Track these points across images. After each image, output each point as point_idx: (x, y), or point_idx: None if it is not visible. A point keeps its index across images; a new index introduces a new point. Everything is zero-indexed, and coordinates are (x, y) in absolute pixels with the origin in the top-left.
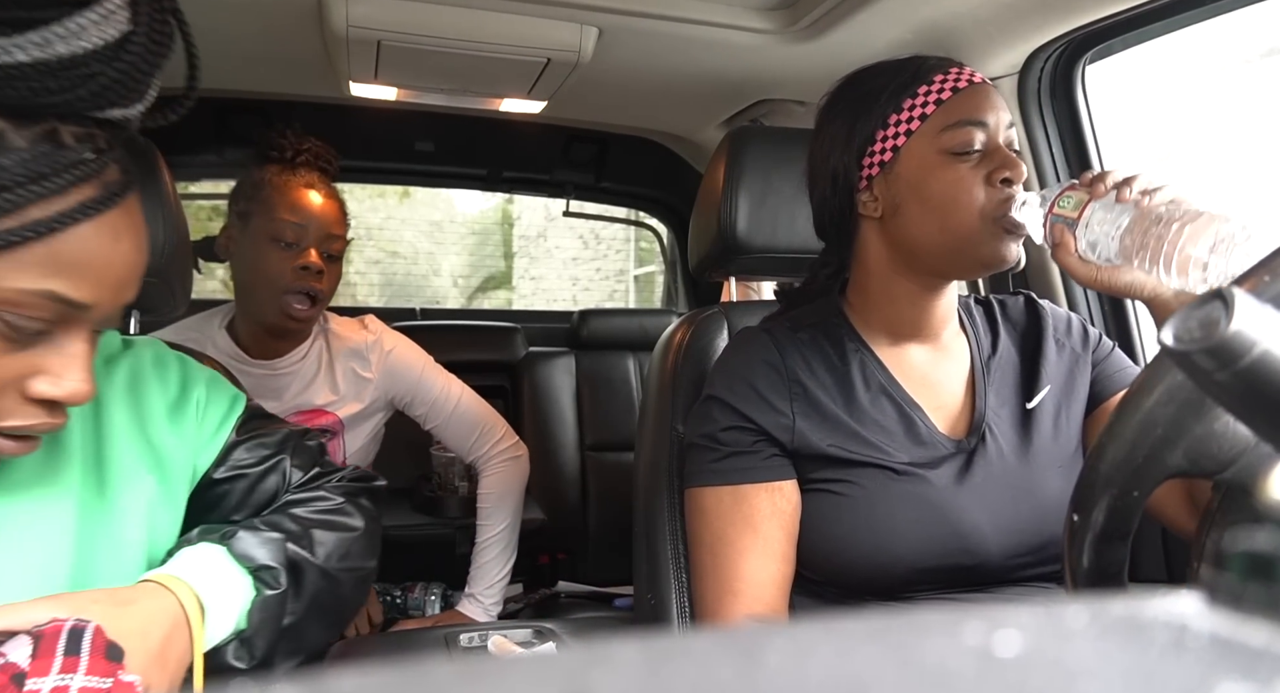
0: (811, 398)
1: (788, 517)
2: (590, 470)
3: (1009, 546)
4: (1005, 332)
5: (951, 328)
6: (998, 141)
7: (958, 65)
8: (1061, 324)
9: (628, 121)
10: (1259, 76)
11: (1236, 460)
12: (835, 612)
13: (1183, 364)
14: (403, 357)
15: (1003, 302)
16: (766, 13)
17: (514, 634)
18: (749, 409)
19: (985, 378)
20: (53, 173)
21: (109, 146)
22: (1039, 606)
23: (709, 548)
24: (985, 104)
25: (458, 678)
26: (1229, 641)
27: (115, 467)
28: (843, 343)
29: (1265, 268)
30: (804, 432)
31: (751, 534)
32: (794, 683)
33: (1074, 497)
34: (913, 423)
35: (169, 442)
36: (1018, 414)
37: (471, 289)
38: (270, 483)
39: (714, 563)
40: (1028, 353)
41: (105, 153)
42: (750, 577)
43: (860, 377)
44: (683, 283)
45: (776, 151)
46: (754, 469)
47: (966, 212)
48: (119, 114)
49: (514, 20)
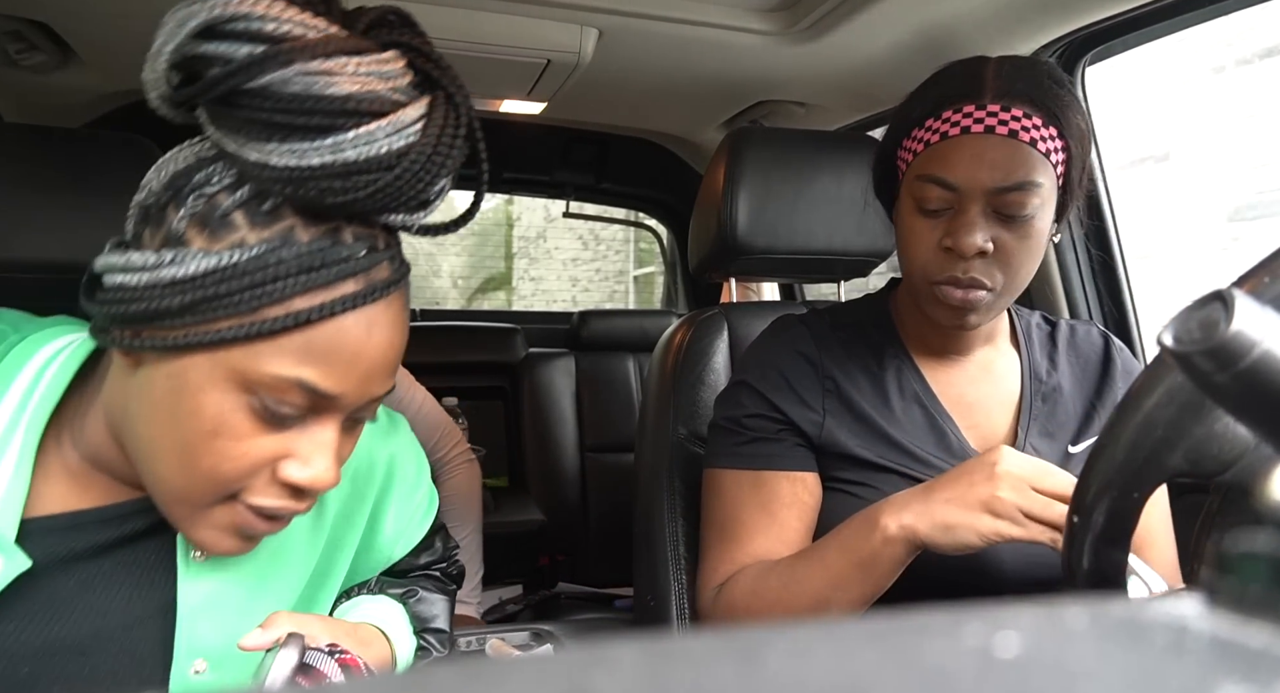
0: (844, 396)
1: (808, 509)
2: (590, 471)
3: (1022, 570)
4: (1067, 361)
5: (995, 348)
6: (967, 204)
7: (976, 102)
8: (1135, 373)
9: (628, 123)
10: (1259, 76)
11: (1236, 462)
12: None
13: (1182, 365)
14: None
15: (1073, 328)
16: (767, 14)
17: (511, 637)
18: (778, 399)
19: (1032, 408)
20: (322, 266)
21: (385, 246)
22: (1039, 606)
23: (719, 526)
24: (962, 162)
25: (458, 679)
26: (1229, 642)
27: (342, 543)
28: (882, 347)
29: (1265, 269)
30: (832, 430)
31: (767, 518)
32: (794, 684)
33: (1074, 498)
34: (944, 435)
35: (386, 532)
36: (1059, 455)
37: (471, 290)
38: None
39: (721, 539)
40: (1086, 392)
41: (378, 251)
42: (757, 555)
43: (895, 383)
44: (683, 284)
45: (776, 153)
46: (777, 457)
47: (912, 265)
48: (400, 220)
49: (514, 21)
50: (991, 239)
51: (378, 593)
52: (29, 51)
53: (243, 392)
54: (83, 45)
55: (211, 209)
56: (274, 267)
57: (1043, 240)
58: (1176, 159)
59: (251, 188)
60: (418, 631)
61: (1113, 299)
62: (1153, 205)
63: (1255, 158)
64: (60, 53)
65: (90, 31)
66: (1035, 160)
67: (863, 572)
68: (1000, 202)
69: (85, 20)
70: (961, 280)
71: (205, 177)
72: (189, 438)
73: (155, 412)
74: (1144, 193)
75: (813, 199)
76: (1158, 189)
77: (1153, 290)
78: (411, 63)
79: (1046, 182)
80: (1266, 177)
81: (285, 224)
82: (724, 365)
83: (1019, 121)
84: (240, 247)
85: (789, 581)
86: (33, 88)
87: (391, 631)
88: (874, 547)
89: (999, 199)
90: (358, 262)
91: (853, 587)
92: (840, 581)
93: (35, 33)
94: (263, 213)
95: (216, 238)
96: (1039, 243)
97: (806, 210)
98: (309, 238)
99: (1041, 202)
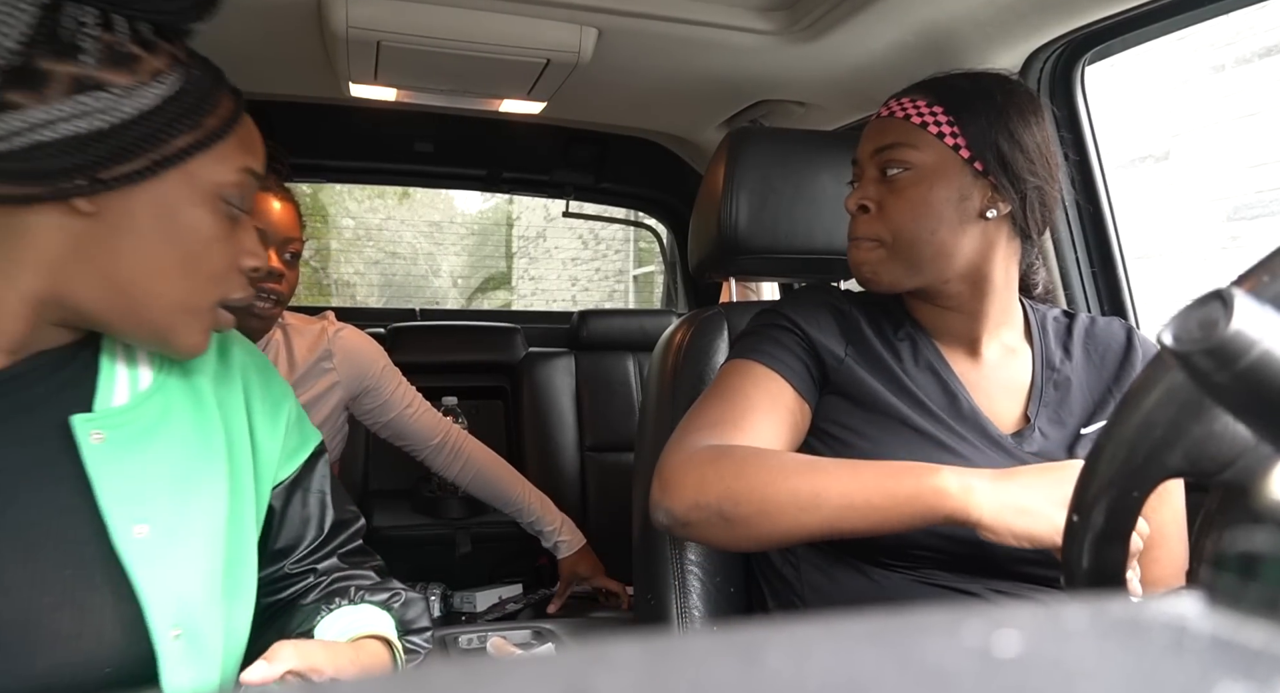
0: (867, 346)
1: (798, 430)
2: (590, 471)
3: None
4: (1083, 351)
5: (1008, 339)
6: (862, 172)
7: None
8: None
9: (627, 122)
10: (1259, 76)
11: (1236, 461)
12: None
13: (1182, 365)
14: (362, 344)
15: (1093, 320)
16: (766, 14)
17: (513, 636)
18: (808, 326)
19: (1043, 394)
20: (219, 74)
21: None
22: (1038, 606)
23: (721, 395)
24: (860, 139)
25: (458, 679)
26: (1228, 641)
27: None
28: (901, 324)
29: (1265, 268)
30: (852, 367)
31: (769, 403)
32: (794, 683)
33: (1073, 497)
34: (956, 398)
35: (265, 443)
36: (1070, 437)
37: (471, 290)
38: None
39: (723, 404)
40: (1104, 379)
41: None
42: (753, 427)
43: (911, 352)
44: (682, 284)
45: (776, 152)
46: (794, 371)
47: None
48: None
49: (513, 21)
50: (874, 200)
51: (359, 603)
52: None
53: (214, 197)
54: None
55: (108, 48)
56: (197, 83)
57: (932, 204)
58: (1176, 158)
59: (122, 19)
60: (403, 635)
61: (1112, 298)
62: (1152, 204)
63: (1255, 157)
64: None
65: None
66: (907, 128)
67: (886, 502)
68: (879, 163)
69: None
70: (854, 235)
71: (73, 22)
72: (192, 249)
73: (145, 239)
74: (1143, 192)
75: (813, 199)
76: (1157, 188)
77: (1152, 289)
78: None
79: (924, 146)
80: (1266, 176)
81: (166, 48)
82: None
83: (901, 105)
84: (161, 73)
85: (801, 464)
86: None
87: (392, 637)
88: (919, 489)
89: (880, 160)
90: (219, 71)
91: (861, 510)
92: (856, 496)
93: None
94: (148, 41)
95: (135, 72)
96: (925, 204)
97: (806, 210)
98: (186, 56)
99: (919, 165)
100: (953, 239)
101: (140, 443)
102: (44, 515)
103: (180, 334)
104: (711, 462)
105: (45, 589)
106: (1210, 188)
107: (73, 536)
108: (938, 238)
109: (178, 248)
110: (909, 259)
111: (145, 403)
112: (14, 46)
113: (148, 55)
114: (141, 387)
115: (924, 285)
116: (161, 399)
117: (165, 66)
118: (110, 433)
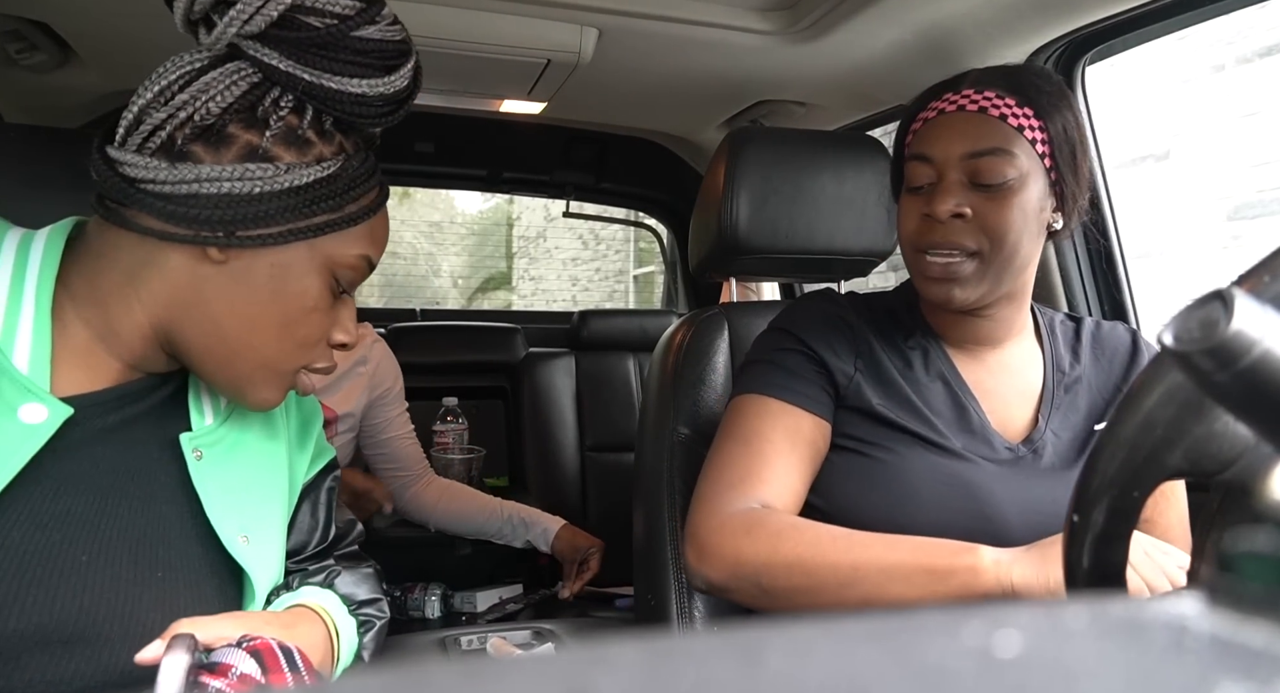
0: (875, 359)
1: (819, 455)
2: (590, 471)
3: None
4: (1092, 355)
5: (1018, 343)
6: (944, 173)
7: (954, 90)
8: None
9: (627, 122)
10: (1259, 75)
11: (1236, 461)
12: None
13: (1182, 365)
14: (391, 359)
15: (1099, 324)
16: (766, 14)
17: (513, 636)
18: (816, 344)
19: (1054, 398)
20: (374, 170)
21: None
22: (1039, 606)
23: (742, 439)
24: (939, 138)
25: (458, 679)
26: (1229, 641)
27: (289, 458)
28: (911, 330)
29: (1265, 268)
30: (860, 385)
31: (789, 444)
32: (794, 683)
33: (1074, 497)
34: (966, 411)
35: (297, 456)
36: (1082, 437)
37: (471, 290)
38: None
39: (745, 452)
40: (1113, 380)
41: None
42: (775, 475)
43: (923, 360)
44: (683, 284)
45: (776, 152)
46: (808, 397)
47: (903, 239)
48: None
49: (514, 21)
50: (969, 206)
51: (298, 588)
52: (29, 51)
53: (328, 272)
54: (83, 45)
55: (290, 130)
56: (352, 173)
57: (1028, 215)
58: (1176, 158)
59: (313, 109)
60: (352, 610)
61: (1112, 298)
62: (1152, 204)
63: (1255, 157)
64: (60, 53)
65: (90, 31)
66: (1006, 132)
67: (923, 578)
68: (974, 169)
69: (85, 20)
70: (940, 245)
71: (272, 103)
72: (291, 313)
73: (256, 294)
74: (1144, 191)
75: (812, 199)
76: (1157, 188)
77: (1152, 289)
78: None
79: (1022, 154)
80: (1266, 175)
81: (339, 139)
82: (724, 365)
83: (989, 100)
84: (324, 159)
85: (838, 538)
86: (33, 88)
87: (327, 606)
88: (954, 566)
89: (972, 166)
90: (377, 165)
91: (900, 586)
92: (895, 571)
93: (35, 33)
94: (325, 131)
95: (302, 153)
96: (1022, 214)
97: (806, 210)
98: (353, 149)
99: (1020, 174)
100: (1032, 250)
101: (228, 458)
102: (148, 520)
103: (258, 388)
104: (746, 532)
105: (145, 586)
106: (1211, 187)
107: (173, 540)
108: (1024, 249)
109: (281, 308)
110: (1000, 271)
111: (227, 422)
112: (216, 110)
113: (319, 142)
114: (221, 406)
115: (997, 299)
116: (238, 417)
117: (330, 154)
118: (207, 450)
